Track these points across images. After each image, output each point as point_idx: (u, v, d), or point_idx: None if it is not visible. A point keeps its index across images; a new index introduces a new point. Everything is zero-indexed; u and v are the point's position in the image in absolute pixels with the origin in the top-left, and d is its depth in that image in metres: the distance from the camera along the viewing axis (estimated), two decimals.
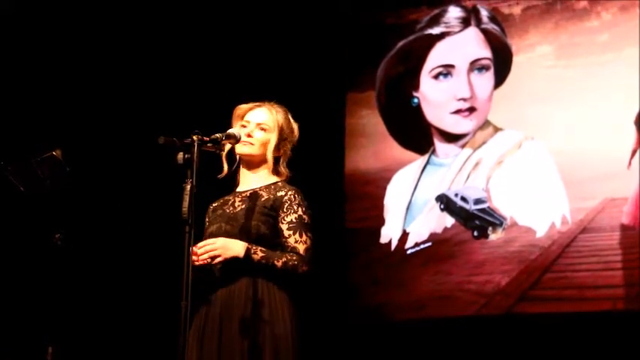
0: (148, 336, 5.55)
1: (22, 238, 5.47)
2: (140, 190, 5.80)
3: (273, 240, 3.48)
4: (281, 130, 3.62)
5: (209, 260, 3.37)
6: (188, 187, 3.16)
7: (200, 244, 3.38)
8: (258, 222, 3.47)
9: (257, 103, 3.66)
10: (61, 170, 4.07)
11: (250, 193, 3.58)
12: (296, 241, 3.47)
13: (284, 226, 3.49)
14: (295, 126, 3.68)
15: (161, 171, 3.63)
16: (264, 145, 3.59)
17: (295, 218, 3.50)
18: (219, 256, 3.37)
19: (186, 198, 3.14)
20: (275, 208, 3.51)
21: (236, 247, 3.39)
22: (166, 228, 3.62)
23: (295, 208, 3.51)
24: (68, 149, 4.16)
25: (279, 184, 3.60)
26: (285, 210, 3.50)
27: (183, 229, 3.15)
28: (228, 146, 3.58)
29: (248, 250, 3.39)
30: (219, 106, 3.83)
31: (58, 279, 4.57)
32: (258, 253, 3.40)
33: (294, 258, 3.44)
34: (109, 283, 5.76)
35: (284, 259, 3.42)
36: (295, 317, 3.47)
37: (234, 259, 3.39)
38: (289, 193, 3.54)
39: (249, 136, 3.56)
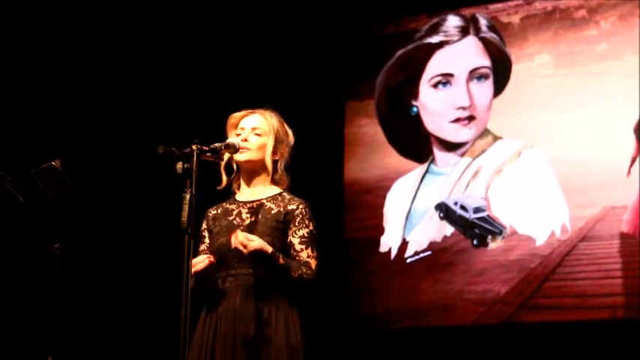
0: (148, 346, 5.54)
1: (22, 248, 5.46)
2: (140, 200, 5.80)
3: (284, 253, 3.49)
4: (277, 133, 3.63)
5: (240, 247, 3.36)
6: (187, 196, 3.16)
7: (244, 234, 3.38)
8: (273, 237, 3.49)
9: (250, 110, 3.67)
10: (61, 180, 4.06)
11: (257, 205, 3.59)
12: (308, 256, 3.51)
13: (295, 240, 3.52)
14: (289, 130, 3.70)
15: (160, 181, 3.63)
16: (262, 149, 3.59)
17: (307, 233, 3.53)
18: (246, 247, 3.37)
19: (186, 208, 3.14)
20: (287, 222, 3.54)
21: (266, 247, 3.40)
22: (166, 237, 3.61)
23: (307, 222, 3.55)
24: (67, 159, 4.15)
25: (286, 195, 3.61)
26: (297, 224, 3.53)
27: (183, 238, 3.16)
28: (227, 156, 3.59)
29: (273, 254, 3.41)
30: (218, 116, 3.83)
31: (57, 289, 4.57)
32: (280, 260, 3.43)
33: (309, 272, 3.48)
34: (109, 292, 5.76)
35: (300, 272, 3.46)
36: (304, 331, 3.50)
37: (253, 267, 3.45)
38: (300, 207, 3.57)
39: (244, 141, 3.57)
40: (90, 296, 5.68)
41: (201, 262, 3.43)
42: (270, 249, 3.40)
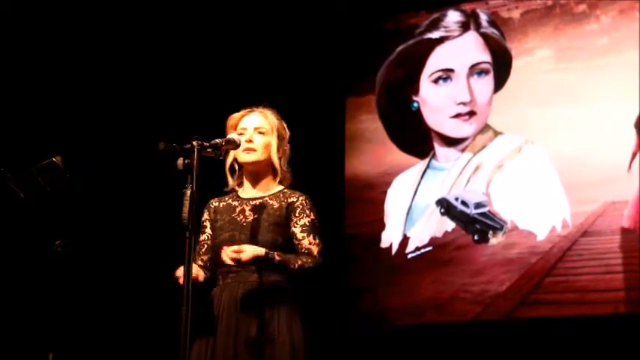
0: (149, 342, 5.54)
1: (23, 245, 5.46)
2: (140, 196, 5.80)
3: (288, 247, 3.52)
4: (278, 131, 3.64)
5: (232, 263, 3.37)
6: (188, 192, 3.16)
7: (231, 248, 3.38)
8: (275, 234, 3.51)
9: (248, 110, 3.68)
10: (61, 177, 4.06)
11: (260, 202, 3.60)
12: (310, 243, 3.53)
13: (297, 229, 3.54)
14: (285, 124, 3.70)
15: (161, 177, 3.63)
16: (267, 148, 3.61)
17: (308, 222, 3.55)
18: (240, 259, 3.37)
19: (187, 203, 3.14)
20: (288, 215, 3.56)
21: (258, 251, 3.39)
22: (167, 233, 3.61)
23: (307, 212, 3.57)
24: (68, 156, 4.15)
25: (287, 191, 3.63)
26: (297, 215, 3.55)
27: (184, 234, 3.16)
28: (231, 154, 3.60)
29: (267, 254, 3.40)
30: (218, 112, 3.83)
31: (58, 286, 4.57)
32: (276, 257, 3.42)
33: (309, 261, 3.49)
34: (110, 289, 5.76)
35: (299, 262, 3.47)
36: (306, 327, 3.50)
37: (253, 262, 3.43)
38: (300, 198, 3.59)
39: (249, 141, 3.57)
40: (91, 293, 5.68)
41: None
42: (262, 252, 3.40)
